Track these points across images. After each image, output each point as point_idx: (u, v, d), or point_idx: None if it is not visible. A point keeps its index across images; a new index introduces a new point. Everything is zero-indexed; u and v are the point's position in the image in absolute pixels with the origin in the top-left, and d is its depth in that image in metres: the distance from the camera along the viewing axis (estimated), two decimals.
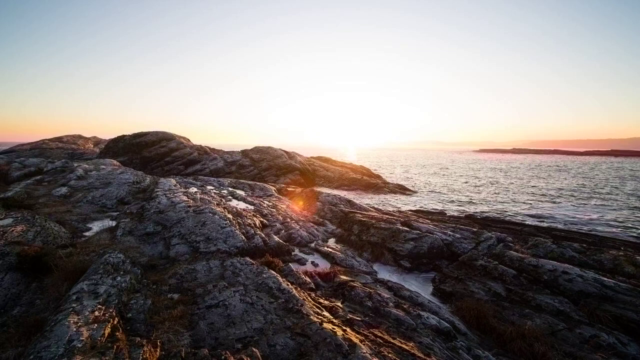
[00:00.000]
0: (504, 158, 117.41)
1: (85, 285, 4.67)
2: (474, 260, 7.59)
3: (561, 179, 42.52)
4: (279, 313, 4.73)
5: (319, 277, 6.74)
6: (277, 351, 3.91)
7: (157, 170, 30.56)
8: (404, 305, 5.51)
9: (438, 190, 31.11)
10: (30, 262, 5.79)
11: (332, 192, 18.01)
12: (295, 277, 6.43)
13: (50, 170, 18.47)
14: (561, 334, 5.09)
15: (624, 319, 5.23)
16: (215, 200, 12.32)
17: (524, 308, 5.83)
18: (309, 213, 13.08)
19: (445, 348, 4.47)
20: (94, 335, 3.55)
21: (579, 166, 70.04)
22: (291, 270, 6.71)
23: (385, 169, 57.38)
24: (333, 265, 7.77)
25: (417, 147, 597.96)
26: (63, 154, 35.90)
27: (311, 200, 14.88)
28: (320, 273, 6.95)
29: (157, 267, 6.71)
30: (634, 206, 23.21)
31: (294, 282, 6.15)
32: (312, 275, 6.77)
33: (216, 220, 8.82)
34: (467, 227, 10.50)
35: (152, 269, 6.57)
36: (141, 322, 4.39)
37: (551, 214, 20.17)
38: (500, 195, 28.29)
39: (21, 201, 11.18)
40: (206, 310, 4.73)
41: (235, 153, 35.48)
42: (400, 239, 9.05)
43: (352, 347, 3.84)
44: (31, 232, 7.57)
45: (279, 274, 6.29)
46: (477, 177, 45.13)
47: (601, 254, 7.59)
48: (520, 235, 11.77)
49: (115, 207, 12.58)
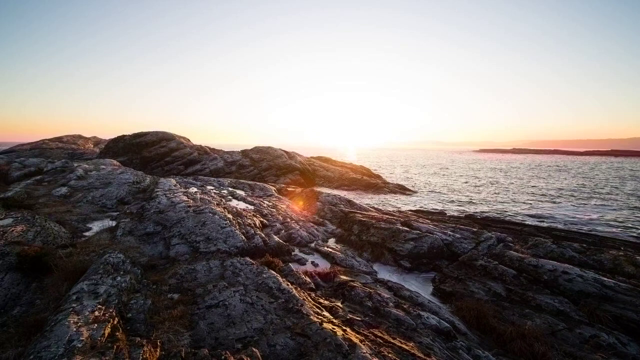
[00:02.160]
0: (504, 158, 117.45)
1: (85, 285, 4.67)
2: (474, 260, 7.59)
3: (561, 179, 42.53)
4: (279, 313, 4.73)
5: (319, 277, 6.75)
6: (277, 351, 3.91)
7: (157, 170, 30.56)
8: (404, 305, 5.51)
9: (438, 190, 31.11)
10: (30, 262, 5.79)
11: (332, 192, 18.01)
12: (295, 277, 6.43)
13: (50, 170, 18.47)
14: (561, 333, 5.09)
15: (624, 319, 5.23)
16: (215, 200, 12.32)
17: (524, 308, 5.83)
18: (309, 213, 13.08)
19: (445, 348, 4.47)
20: (94, 335, 3.55)
21: (579, 166, 70.06)
22: (291, 270, 6.71)
23: (385, 169, 57.39)
24: (333, 265, 7.77)
25: (417, 147, 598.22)
26: (63, 154, 35.91)
27: (311, 200, 14.89)
28: (320, 273, 6.96)
29: (157, 267, 6.71)
30: (634, 206, 23.21)
31: (294, 282, 6.15)
32: (312, 275, 6.77)
33: (216, 220, 8.82)
34: (467, 227, 10.50)
35: (152, 269, 6.57)
36: (141, 322, 4.39)
37: (551, 214, 20.17)
38: (500, 195, 28.30)
39: (21, 201, 11.18)
40: (206, 310, 4.73)
41: (235, 153, 35.48)
42: (400, 239, 9.05)
43: (352, 347, 3.84)
44: (31, 232, 7.57)
45: (279, 274, 6.29)
46: (477, 177, 45.14)
47: (601, 254, 7.59)
48: (520, 235, 11.77)
49: (115, 207, 12.58)
